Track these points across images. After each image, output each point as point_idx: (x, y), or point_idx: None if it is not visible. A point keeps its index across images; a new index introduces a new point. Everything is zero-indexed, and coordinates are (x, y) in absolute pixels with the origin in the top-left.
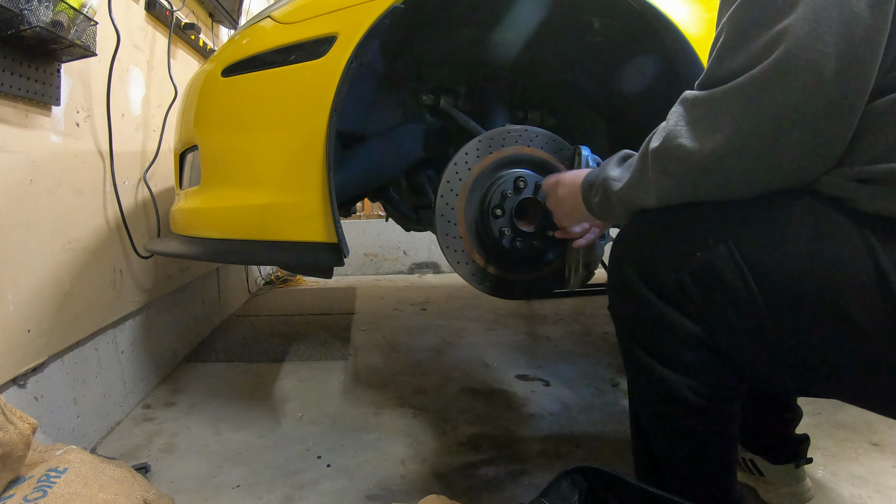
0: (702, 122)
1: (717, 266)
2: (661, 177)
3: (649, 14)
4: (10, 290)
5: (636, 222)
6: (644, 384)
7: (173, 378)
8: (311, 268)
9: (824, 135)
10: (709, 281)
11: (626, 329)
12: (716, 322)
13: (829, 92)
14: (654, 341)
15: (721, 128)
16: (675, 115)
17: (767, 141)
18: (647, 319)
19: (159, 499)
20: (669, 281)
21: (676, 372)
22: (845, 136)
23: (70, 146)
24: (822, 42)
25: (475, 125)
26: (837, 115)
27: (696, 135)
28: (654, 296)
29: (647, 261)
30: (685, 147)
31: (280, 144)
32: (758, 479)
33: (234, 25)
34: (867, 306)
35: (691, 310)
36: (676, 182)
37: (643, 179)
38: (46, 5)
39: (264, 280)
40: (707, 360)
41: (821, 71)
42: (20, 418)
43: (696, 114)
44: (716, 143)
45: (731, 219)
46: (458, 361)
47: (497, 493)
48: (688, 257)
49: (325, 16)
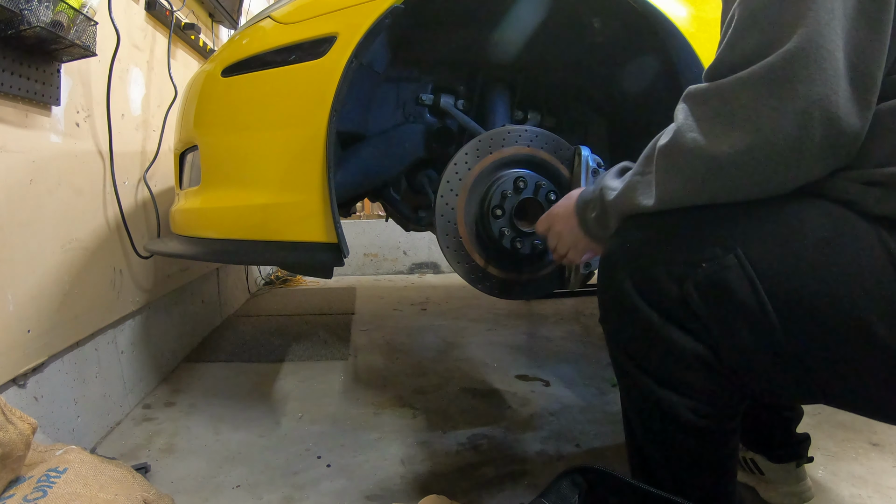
0: (716, 118)
1: (726, 278)
2: (666, 175)
3: (649, 14)
4: (10, 290)
5: (630, 226)
6: (640, 403)
7: (173, 378)
8: (311, 268)
9: (846, 134)
10: (716, 294)
11: (621, 345)
12: (723, 339)
13: (845, 86)
14: (652, 360)
15: (739, 124)
16: (682, 112)
17: (791, 140)
18: (644, 337)
19: (159, 499)
20: (671, 295)
21: (676, 392)
22: (864, 132)
23: (70, 146)
24: (835, 33)
25: (475, 125)
26: (859, 108)
27: (709, 130)
28: (653, 312)
29: (645, 271)
30: (698, 142)
31: (280, 144)
32: (758, 478)
33: (234, 25)
34: (888, 315)
35: (695, 326)
36: (683, 180)
37: (644, 180)
38: (46, 5)
39: (264, 280)
40: (709, 380)
41: (839, 61)
42: (20, 418)
43: (707, 109)
44: (733, 141)
45: (737, 224)
46: (458, 361)
47: (497, 493)
48: (692, 268)
49: (324, 16)
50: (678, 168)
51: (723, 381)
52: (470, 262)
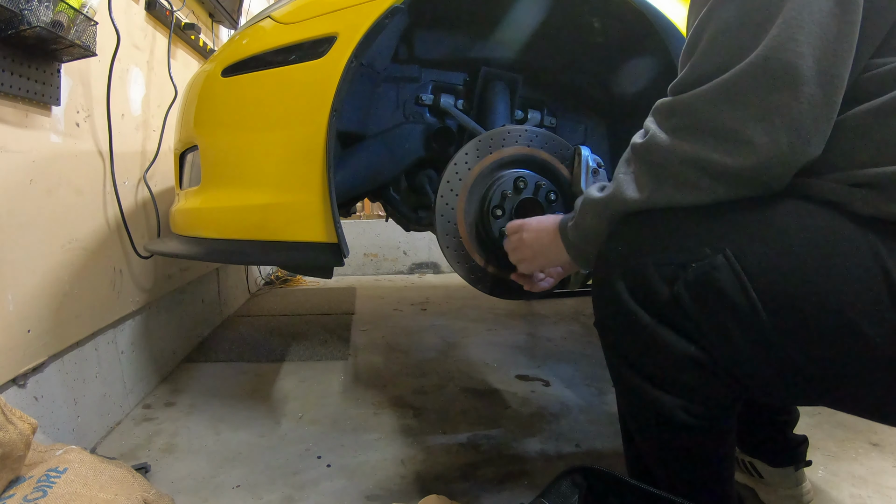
0: (682, 129)
1: (716, 278)
2: (640, 165)
3: (649, 14)
4: (10, 290)
5: (622, 230)
6: (635, 404)
7: (173, 378)
8: (311, 268)
9: (811, 142)
10: (706, 294)
11: (615, 348)
12: (715, 339)
13: (811, 91)
14: (645, 362)
15: (702, 134)
16: (653, 124)
17: (762, 147)
18: (637, 339)
19: (159, 499)
20: (663, 296)
21: (670, 393)
22: (825, 135)
23: (70, 146)
24: (796, 42)
25: (475, 125)
26: (822, 115)
27: (676, 137)
28: (645, 313)
29: (637, 272)
30: (669, 142)
31: (280, 144)
32: (757, 481)
33: (234, 25)
34: (877, 316)
35: (687, 326)
36: (663, 175)
37: (627, 178)
38: (46, 5)
39: (264, 280)
40: (703, 380)
41: (799, 70)
42: (20, 418)
43: (673, 121)
44: (698, 148)
45: (727, 225)
46: (458, 361)
47: (497, 493)
48: (682, 269)
49: (324, 16)
50: (654, 164)
51: (716, 382)
52: (470, 262)
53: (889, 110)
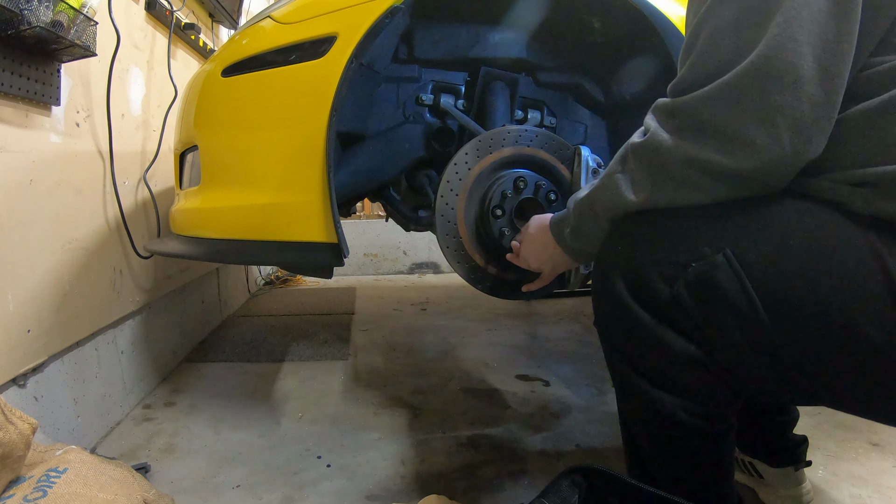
0: (683, 130)
1: (716, 277)
2: (640, 165)
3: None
4: (10, 290)
5: (622, 230)
6: (635, 404)
7: (173, 378)
8: (311, 268)
9: (812, 140)
10: (706, 294)
11: (615, 347)
12: (715, 338)
13: (812, 90)
14: (645, 361)
15: (704, 136)
16: (653, 122)
17: (763, 148)
18: (637, 338)
19: (159, 499)
20: (663, 295)
21: (670, 393)
22: (827, 134)
23: (70, 146)
24: (796, 42)
25: (475, 125)
26: (824, 115)
27: (678, 137)
28: (645, 313)
29: (637, 273)
30: (671, 143)
31: (280, 144)
32: (757, 481)
33: (234, 25)
34: (877, 315)
35: (687, 326)
36: (663, 177)
37: (624, 177)
38: (46, 5)
39: (264, 280)
40: (703, 380)
41: (800, 70)
42: (20, 418)
43: (675, 122)
44: (700, 149)
45: (726, 224)
46: (458, 361)
47: (497, 493)
48: (682, 268)
49: (324, 16)
50: (655, 164)
51: (716, 381)
52: (470, 262)
53: (889, 109)
